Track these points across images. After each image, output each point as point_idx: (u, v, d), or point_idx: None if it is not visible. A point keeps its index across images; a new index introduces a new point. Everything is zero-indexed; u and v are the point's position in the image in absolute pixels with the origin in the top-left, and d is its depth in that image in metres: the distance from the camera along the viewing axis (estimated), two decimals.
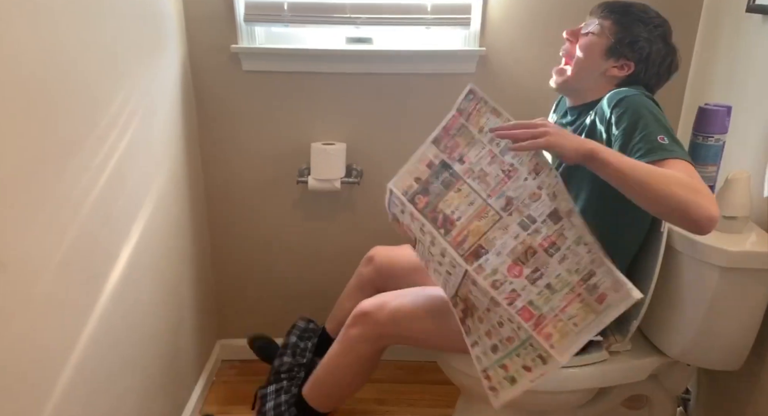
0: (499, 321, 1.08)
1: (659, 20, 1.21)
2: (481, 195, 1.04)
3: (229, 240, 1.85)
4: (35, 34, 0.89)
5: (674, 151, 1.00)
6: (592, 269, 0.99)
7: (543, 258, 1.01)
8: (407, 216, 1.10)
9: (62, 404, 0.97)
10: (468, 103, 1.06)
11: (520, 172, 1.02)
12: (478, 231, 1.04)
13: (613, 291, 0.98)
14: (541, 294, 1.02)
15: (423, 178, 1.07)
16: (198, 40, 1.63)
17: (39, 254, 0.90)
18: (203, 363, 1.82)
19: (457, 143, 1.05)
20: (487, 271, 1.04)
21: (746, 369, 1.27)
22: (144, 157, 1.31)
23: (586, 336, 1.01)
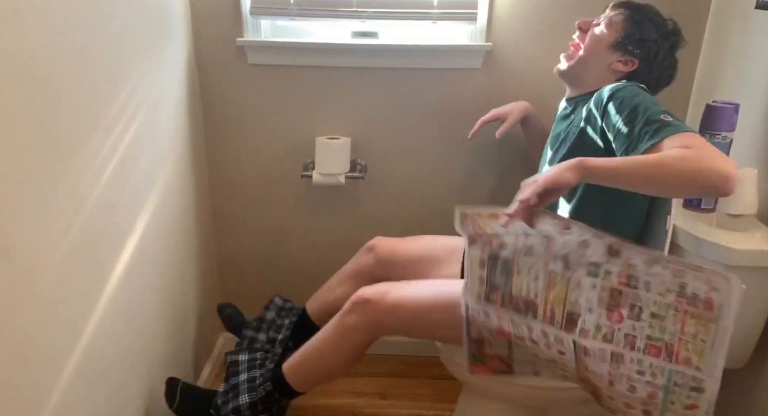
0: (630, 386, 1.01)
1: (672, 29, 1.24)
2: (539, 265, 1.02)
3: (233, 233, 1.85)
4: (43, 28, 0.89)
5: (680, 126, 0.99)
6: (680, 281, 0.95)
7: (630, 293, 0.98)
8: (493, 318, 1.06)
9: (66, 394, 0.97)
10: (468, 228, 1.05)
11: (554, 234, 1.00)
12: (559, 299, 1.02)
13: (714, 291, 0.93)
14: (653, 326, 0.98)
15: (485, 276, 1.05)
16: (204, 33, 1.62)
17: (45, 245, 0.91)
18: (207, 356, 1.83)
19: (489, 237, 1.04)
20: (592, 331, 1.00)
21: (749, 368, 1.26)
22: (149, 149, 1.31)
23: (720, 347, 0.96)
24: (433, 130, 1.72)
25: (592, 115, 1.16)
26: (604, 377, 1.01)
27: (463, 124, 1.65)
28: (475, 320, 1.07)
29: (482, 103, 1.66)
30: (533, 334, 1.04)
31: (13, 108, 0.82)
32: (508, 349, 1.08)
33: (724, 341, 0.95)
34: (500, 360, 1.09)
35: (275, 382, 1.35)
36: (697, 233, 1.18)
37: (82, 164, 1.01)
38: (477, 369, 1.10)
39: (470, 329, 1.08)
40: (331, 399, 1.75)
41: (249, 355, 1.45)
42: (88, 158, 1.04)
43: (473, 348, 1.09)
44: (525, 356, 1.07)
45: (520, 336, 1.06)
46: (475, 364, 1.10)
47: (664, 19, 1.25)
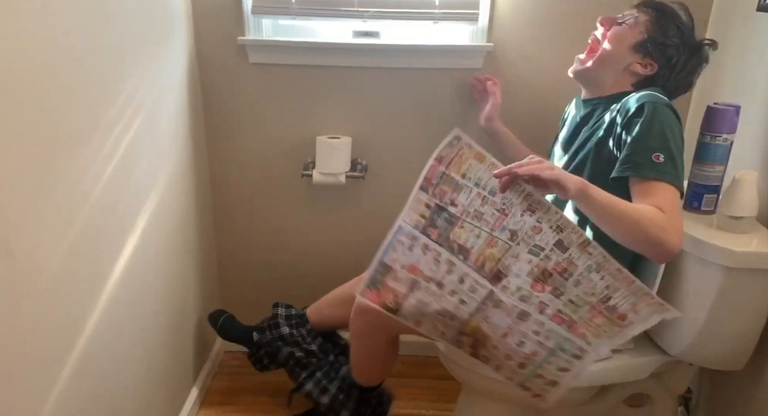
0: (520, 341, 1.07)
1: (694, 32, 1.23)
2: (484, 229, 1.03)
3: (233, 232, 1.85)
4: (44, 27, 0.89)
5: (664, 173, 1.06)
6: (608, 294, 1.02)
7: (559, 280, 1.03)
8: (417, 251, 1.06)
9: (66, 391, 0.97)
10: (450, 150, 1.03)
11: (515, 210, 1.01)
12: (493, 257, 1.04)
13: (633, 313, 1.02)
14: (567, 306, 1.04)
15: (427, 215, 1.05)
16: (205, 32, 1.62)
17: (46, 243, 0.91)
18: (206, 354, 1.83)
19: (444, 190, 1.03)
20: (512, 289, 1.04)
21: (748, 370, 1.27)
22: (150, 148, 1.31)
23: (618, 340, 1.05)
24: (434, 130, 1.71)
25: (616, 124, 1.15)
26: (500, 329, 1.07)
27: (465, 123, 1.65)
28: (397, 248, 1.06)
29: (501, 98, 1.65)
30: (448, 277, 1.06)
31: (14, 107, 0.82)
32: (408, 289, 1.08)
33: (622, 340, 1.05)
34: (394, 296, 1.08)
35: (355, 388, 1.43)
36: (698, 235, 1.18)
37: (83, 163, 1.01)
38: (369, 294, 1.09)
39: (387, 253, 1.07)
40: None
41: (305, 373, 1.53)
42: (89, 157, 1.04)
43: (378, 272, 1.08)
44: (418, 304, 1.08)
45: (430, 277, 1.07)
46: (370, 288, 1.09)
47: (688, 26, 1.22)
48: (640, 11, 1.23)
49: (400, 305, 1.09)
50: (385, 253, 1.07)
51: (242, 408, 1.71)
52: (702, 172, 1.25)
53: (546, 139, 1.64)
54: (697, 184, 1.26)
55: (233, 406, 1.72)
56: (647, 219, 1.00)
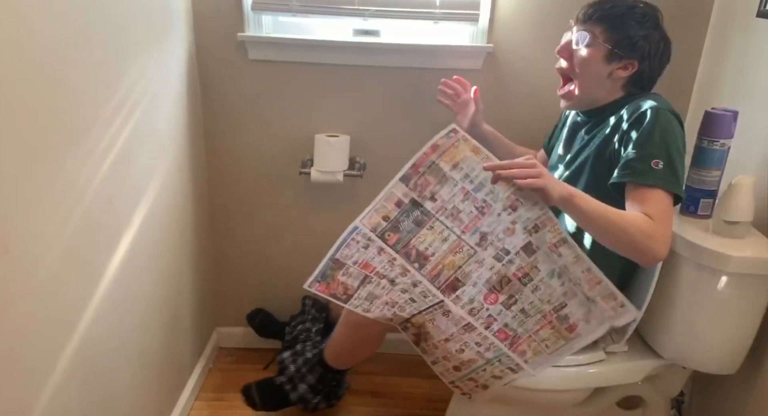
0: (460, 349, 1.11)
1: (647, 9, 1.19)
2: (454, 231, 1.04)
3: (230, 228, 1.85)
4: (43, 21, 0.89)
5: (661, 179, 1.06)
6: (564, 301, 1.06)
7: (517, 286, 1.06)
8: (372, 250, 1.06)
9: (61, 386, 0.97)
10: (446, 140, 1.04)
11: (494, 208, 1.03)
12: (453, 265, 1.06)
13: (584, 323, 1.07)
14: (516, 318, 1.08)
15: (392, 216, 1.05)
16: (205, 28, 1.62)
17: (42, 238, 0.91)
18: (200, 350, 1.83)
19: (428, 181, 1.04)
20: (464, 301, 1.07)
21: (741, 374, 1.27)
22: (148, 143, 1.31)
23: (557, 357, 1.10)
24: (432, 130, 1.70)
25: (620, 129, 1.15)
26: (443, 334, 1.11)
27: None
28: (351, 245, 1.07)
29: (483, 103, 1.65)
30: (401, 278, 1.08)
31: (11, 101, 0.82)
32: (358, 283, 1.09)
33: (561, 357, 1.11)
34: (345, 289, 1.10)
35: (322, 365, 1.47)
36: (694, 239, 1.18)
37: (80, 158, 1.01)
38: (318, 286, 1.11)
39: (339, 250, 1.08)
40: None
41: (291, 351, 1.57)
42: (87, 152, 1.03)
43: (329, 268, 1.09)
44: (368, 296, 1.10)
45: (383, 275, 1.08)
46: (319, 282, 1.11)
47: (636, 9, 1.18)
48: (589, 26, 1.20)
49: (350, 296, 1.11)
50: (337, 250, 1.08)
51: (236, 404, 1.70)
52: (699, 176, 1.26)
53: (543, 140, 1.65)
54: (694, 188, 1.27)
55: (227, 402, 1.71)
56: (634, 227, 1.02)
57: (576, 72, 1.22)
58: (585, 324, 1.06)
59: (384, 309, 1.12)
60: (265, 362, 1.88)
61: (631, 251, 1.04)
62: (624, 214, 1.05)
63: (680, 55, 1.61)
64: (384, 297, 1.09)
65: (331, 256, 1.09)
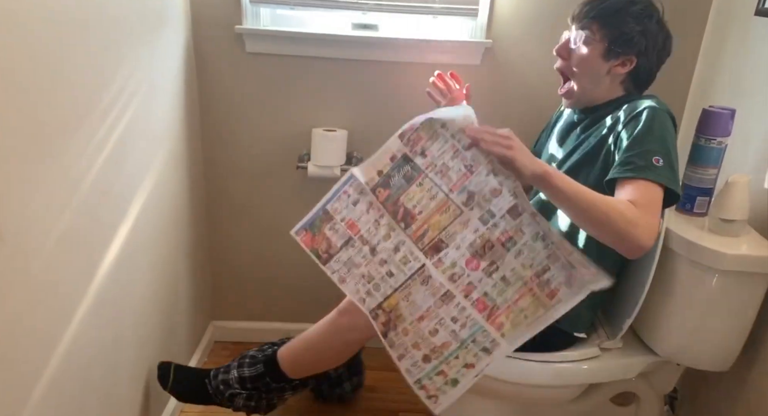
0: (434, 329, 1.08)
1: (644, 4, 1.18)
2: (443, 189, 1.04)
3: (226, 222, 1.84)
4: (38, 11, 0.88)
5: (662, 176, 1.05)
6: (547, 264, 1.04)
7: (500, 251, 1.04)
8: (360, 207, 1.07)
9: (57, 378, 0.97)
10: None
11: (481, 168, 1.02)
12: (439, 225, 1.05)
13: (566, 286, 1.04)
14: (496, 286, 1.06)
15: (385, 171, 1.06)
16: (202, 20, 1.61)
17: (38, 229, 0.90)
18: (196, 344, 1.82)
19: (420, 136, 1.05)
20: (446, 264, 1.06)
21: (735, 371, 1.28)
22: (144, 136, 1.30)
23: (535, 328, 1.06)
24: None
25: (617, 127, 1.15)
26: (418, 310, 1.08)
27: None
28: (342, 198, 1.08)
29: (480, 99, 1.65)
30: (384, 243, 1.07)
31: (5, 93, 0.81)
32: (342, 243, 1.10)
33: (539, 328, 1.06)
34: (328, 245, 1.10)
35: (268, 365, 1.36)
36: (689, 237, 1.19)
37: (76, 149, 1.00)
38: (304, 235, 1.11)
39: (331, 201, 1.09)
40: None
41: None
42: (83, 143, 1.03)
43: (318, 218, 1.10)
44: (348, 260, 1.10)
45: (366, 240, 1.08)
46: (306, 230, 1.11)
47: (633, 2, 1.17)
48: (586, 24, 1.19)
49: (331, 257, 1.10)
50: (329, 201, 1.09)
51: None
52: (695, 174, 1.26)
53: None
54: (690, 186, 1.27)
55: None
56: (617, 212, 0.98)
57: (575, 71, 1.22)
58: (567, 288, 1.03)
59: (359, 284, 1.10)
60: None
61: (613, 237, 1.00)
62: (606, 199, 1.01)
63: (678, 53, 1.61)
64: (362, 267, 1.08)
65: (322, 206, 1.09)
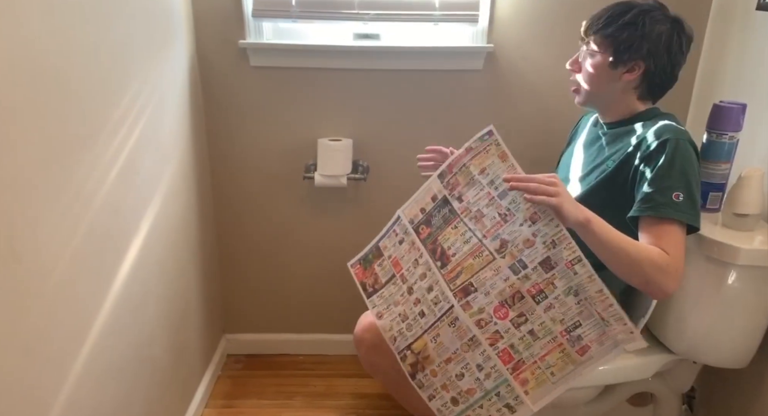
0: (461, 372, 1.08)
1: (643, 8, 1.17)
2: (476, 234, 1.07)
3: (235, 234, 1.85)
4: (49, 32, 0.89)
5: (683, 212, 1.06)
6: (579, 320, 1.03)
7: (530, 304, 1.04)
8: (405, 246, 1.11)
9: (74, 393, 0.97)
10: (480, 144, 1.07)
11: (516, 217, 1.04)
12: (471, 268, 1.06)
13: (597, 344, 1.03)
14: (523, 340, 1.05)
15: (427, 209, 1.11)
16: (206, 36, 1.62)
17: (52, 247, 0.91)
18: (209, 357, 1.82)
19: (458, 181, 1.08)
20: (474, 309, 1.06)
21: (752, 368, 1.27)
22: (153, 151, 1.31)
23: (562, 387, 1.05)
24: (434, 132, 1.72)
25: (636, 156, 1.14)
26: (446, 352, 1.08)
27: (465, 125, 1.65)
28: (391, 237, 1.14)
29: (484, 104, 1.66)
30: (420, 283, 1.10)
31: (19, 111, 0.82)
32: (386, 280, 1.13)
33: (566, 385, 1.05)
34: (375, 280, 1.14)
35: None
36: (703, 232, 1.18)
37: (87, 166, 1.01)
38: (358, 268, 1.16)
39: (383, 239, 1.14)
40: (336, 400, 1.75)
41: None
42: (93, 160, 1.03)
43: (372, 253, 1.15)
44: (390, 297, 1.13)
45: (406, 278, 1.12)
46: (361, 263, 1.16)
47: (632, 12, 1.16)
48: (589, 39, 1.20)
49: (375, 291, 1.14)
50: (381, 238, 1.14)
51: (246, 411, 1.70)
52: (707, 169, 1.25)
53: (545, 140, 1.65)
54: (703, 181, 1.27)
55: (237, 409, 1.71)
56: (648, 260, 1.02)
57: (586, 86, 1.23)
58: (598, 345, 1.03)
59: (394, 321, 1.12)
60: (273, 368, 1.88)
61: (641, 283, 1.04)
62: (639, 246, 1.04)
63: None
64: (400, 306, 1.11)
65: (375, 243, 1.15)
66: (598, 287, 1.01)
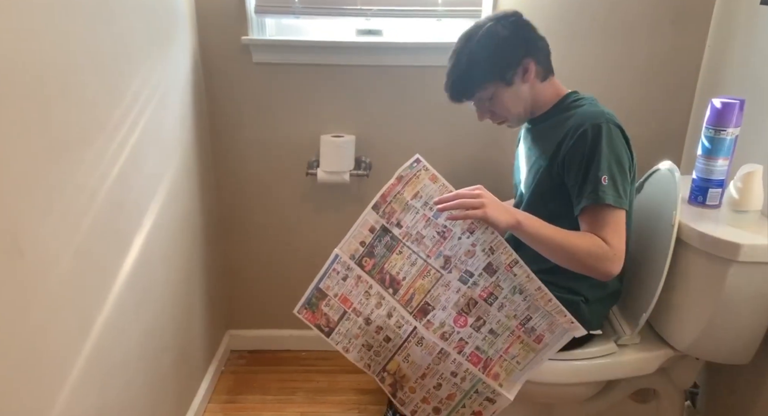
0: (438, 383, 1.14)
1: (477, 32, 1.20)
2: (420, 256, 1.12)
3: (238, 230, 1.86)
4: (52, 28, 0.90)
5: (606, 194, 1.09)
6: (529, 314, 1.12)
7: (484, 307, 1.12)
8: (350, 282, 1.14)
9: (77, 388, 0.98)
10: (410, 171, 1.13)
11: (454, 232, 1.11)
12: (423, 289, 1.13)
13: (549, 332, 1.12)
14: (486, 340, 1.13)
15: (367, 241, 1.13)
16: (209, 32, 1.63)
17: (55, 243, 0.92)
18: (213, 353, 1.83)
19: (394, 209, 1.12)
20: (436, 325, 1.13)
21: (755, 364, 1.26)
22: (156, 147, 1.32)
23: (529, 372, 1.14)
24: (437, 128, 1.72)
25: (561, 147, 1.15)
26: (419, 369, 1.14)
27: (468, 121, 1.65)
28: (332, 275, 1.15)
29: None
30: (377, 311, 1.13)
31: (22, 107, 0.83)
32: (338, 317, 1.15)
33: (532, 370, 1.14)
34: (327, 321, 1.16)
35: None
36: (703, 229, 1.18)
37: (90, 163, 1.02)
38: (305, 313, 1.17)
39: (323, 280, 1.15)
40: (338, 396, 1.76)
41: None
42: (97, 157, 1.04)
43: (314, 296, 1.16)
44: (347, 332, 1.15)
45: (359, 311, 1.14)
46: (306, 308, 1.17)
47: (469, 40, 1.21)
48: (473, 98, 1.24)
49: (332, 330, 1.16)
50: (321, 279, 1.16)
51: (249, 407, 1.71)
52: (707, 166, 1.25)
53: None
54: (702, 178, 1.27)
55: (240, 404, 1.72)
56: (583, 251, 1.07)
57: (513, 112, 1.24)
58: (550, 334, 1.12)
59: (361, 352, 1.16)
60: (276, 364, 1.89)
61: (583, 270, 1.10)
62: (573, 238, 1.09)
63: (684, 45, 1.62)
64: (361, 338, 1.15)
65: (315, 285, 1.16)
66: (537, 285, 1.09)
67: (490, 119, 1.28)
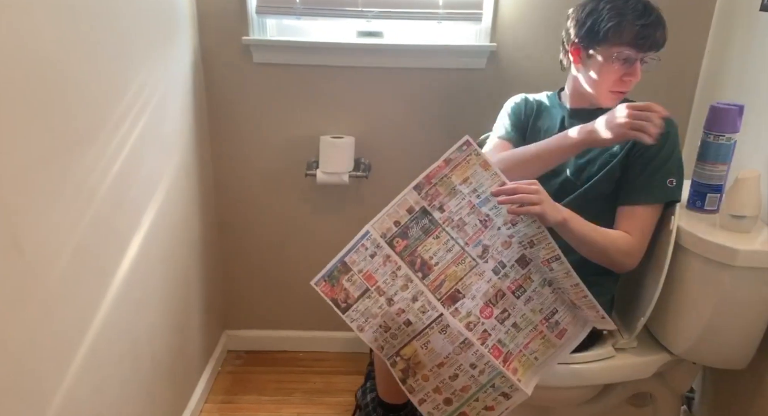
0: (454, 374, 1.09)
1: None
2: (459, 243, 1.10)
3: (237, 231, 1.85)
4: (53, 28, 0.90)
5: (669, 194, 1.20)
6: (555, 308, 1.12)
7: (510, 299, 1.11)
8: (377, 260, 1.11)
9: (73, 387, 0.98)
10: (459, 154, 1.10)
11: (495, 221, 1.10)
12: (455, 276, 1.10)
13: (572, 326, 1.13)
14: (508, 333, 1.11)
15: (402, 222, 1.11)
16: (210, 32, 1.63)
17: (54, 240, 0.92)
18: (210, 353, 1.83)
19: (438, 192, 1.10)
20: (462, 314, 1.10)
21: (751, 369, 1.27)
22: (156, 147, 1.32)
23: (546, 367, 1.13)
24: (437, 130, 1.72)
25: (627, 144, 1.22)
26: (437, 358, 1.09)
27: (467, 123, 1.65)
28: (360, 251, 1.12)
29: (486, 103, 1.66)
30: (402, 293, 1.10)
31: (22, 105, 0.83)
32: (359, 294, 1.12)
33: (551, 364, 1.13)
34: (346, 296, 1.12)
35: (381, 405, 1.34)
36: (701, 234, 1.18)
37: (90, 161, 1.02)
38: (323, 286, 1.13)
39: (349, 254, 1.12)
40: (335, 397, 1.76)
41: None
42: (96, 155, 1.04)
43: (336, 268, 1.13)
44: (366, 310, 1.11)
45: (383, 291, 1.10)
46: (326, 281, 1.13)
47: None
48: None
49: (349, 306, 1.12)
50: (347, 253, 1.13)
51: (245, 407, 1.71)
52: (705, 171, 1.25)
53: None
54: (701, 183, 1.27)
55: (236, 404, 1.72)
56: (614, 246, 1.17)
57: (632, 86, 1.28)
58: (573, 326, 1.13)
59: (377, 333, 1.12)
60: (273, 364, 1.89)
61: (606, 263, 1.20)
62: (608, 235, 1.17)
63: (684, 50, 1.62)
64: (379, 318, 1.11)
65: (340, 258, 1.12)
66: (574, 281, 1.08)
67: (623, 84, 1.27)
